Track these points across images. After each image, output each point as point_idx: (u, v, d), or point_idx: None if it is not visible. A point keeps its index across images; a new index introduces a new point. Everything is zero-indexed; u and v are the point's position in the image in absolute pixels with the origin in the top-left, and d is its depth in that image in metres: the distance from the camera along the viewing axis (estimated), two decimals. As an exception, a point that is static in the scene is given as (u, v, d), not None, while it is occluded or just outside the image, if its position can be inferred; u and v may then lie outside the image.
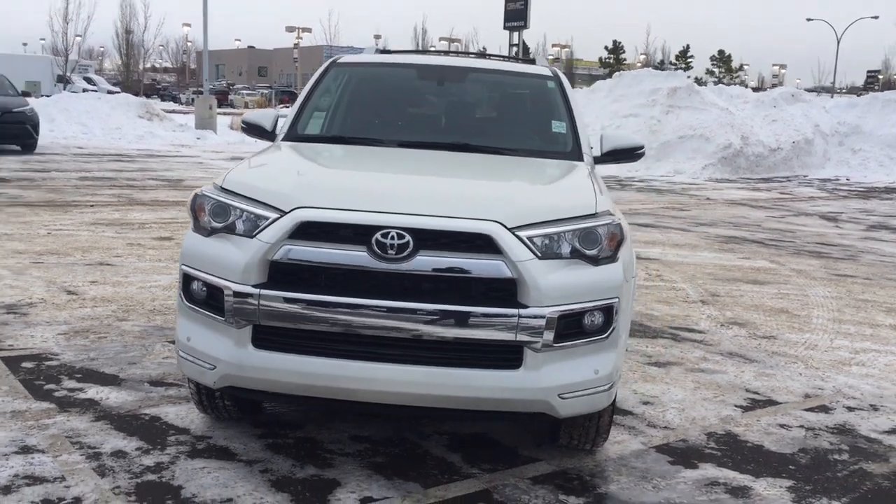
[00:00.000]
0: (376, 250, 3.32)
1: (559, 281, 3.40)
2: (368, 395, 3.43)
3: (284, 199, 3.48)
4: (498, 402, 3.43)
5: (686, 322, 6.85)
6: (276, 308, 3.35)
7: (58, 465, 3.64)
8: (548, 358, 3.40)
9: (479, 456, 4.01)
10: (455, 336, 3.32)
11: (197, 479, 3.60)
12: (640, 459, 4.11)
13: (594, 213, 3.60)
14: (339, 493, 3.55)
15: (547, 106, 4.93)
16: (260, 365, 3.43)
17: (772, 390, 5.28)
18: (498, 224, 3.38)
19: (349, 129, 4.80)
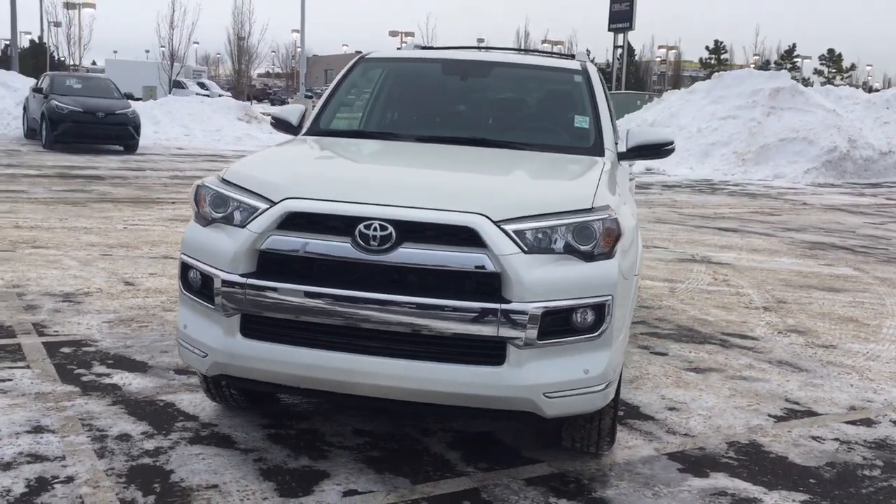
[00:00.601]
0: (360, 241, 3.30)
1: (545, 276, 3.31)
2: (352, 388, 3.41)
3: (275, 190, 3.50)
4: (480, 399, 3.35)
5: (741, 328, 6.58)
6: (262, 297, 3.38)
7: (62, 446, 3.76)
8: (532, 355, 3.31)
9: (478, 455, 3.94)
10: (435, 330, 3.27)
11: (190, 464, 3.66)
12: (647, 465, 3.95)
13: (590, 208, 3.48)
14: (324, 485, 3.54)
15: (571, 101, 4.81)
16: (248, 354, 3.46)
17: (814, 401, 5.01)
18: (483, 217, 3.31)
19: (370, 124, 4.81)
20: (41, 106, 18.92)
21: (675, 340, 6.11)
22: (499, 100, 5.04)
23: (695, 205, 15.79)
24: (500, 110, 5.01)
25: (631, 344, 5.91)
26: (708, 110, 25.50)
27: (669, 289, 7.87)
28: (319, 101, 4.87)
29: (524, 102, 5.06)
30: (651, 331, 6.34)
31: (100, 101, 18.99)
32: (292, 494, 3.45)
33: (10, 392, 4.35)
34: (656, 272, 8.63)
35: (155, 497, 3.35)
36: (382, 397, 3.43)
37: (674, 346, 5.97)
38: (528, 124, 4.84)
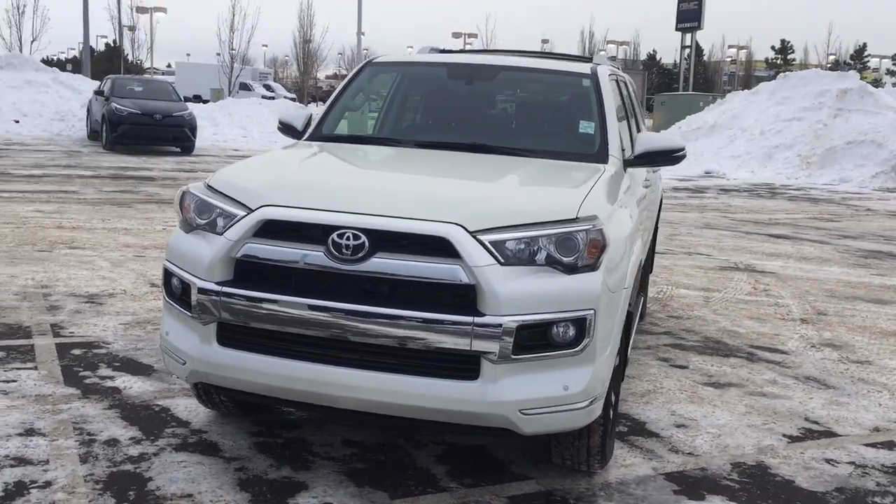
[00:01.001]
0: (332, 250, 3.23)
1: (522, 289, 3.19)
2: (327, 400, 3.35)
3: (253, 197, 3.46)
4: (454, 415, 3.25)
5: (772, 341, 6.33)
6: (236, 306, 3.33)
7: (49, 450, 3.78)
8: (508, 370, 3.19)
9: (465, 470, 3.84)
10: (406, 342, 3.18)
11: (170, 472, 3.64)
12: (641, 486, 3.80)
13: (574, 218, 3.35)
14: (300, 497, 3.48)
15: (577, 106, 4.67)
16: (223, 363, 3.42)
17: (836, 420, 4.77)
18: (458, 227, 3.21)
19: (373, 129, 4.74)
20: (102, 108, 19.40)
21: (698, 353, 5.90)
22: (503, 105, 4.93)
23: (749, 210, 15.35)
24: (503, 115, 4.89)
25: (650, 356, 5.74)
26: (772, 112, 24.82)
27: (704, 298, 7.63)
28: (324, 106, 4.82)
29: (529, 107, 4.93)
30: (675, 342, 6.14)
31: (158, 104, 19.37)
32: (265, 506, 3.40)
33: (11, 394, 4.40)
34: (693, 280, 8.39)
35: (127, 505, 3.34)
36: (357, 410, 3.35)
37: (696, 358, 5.77)
38: (532, 130, 4.70)
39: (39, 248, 8.11)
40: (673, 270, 8.84)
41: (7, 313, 5.87)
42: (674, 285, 8.09)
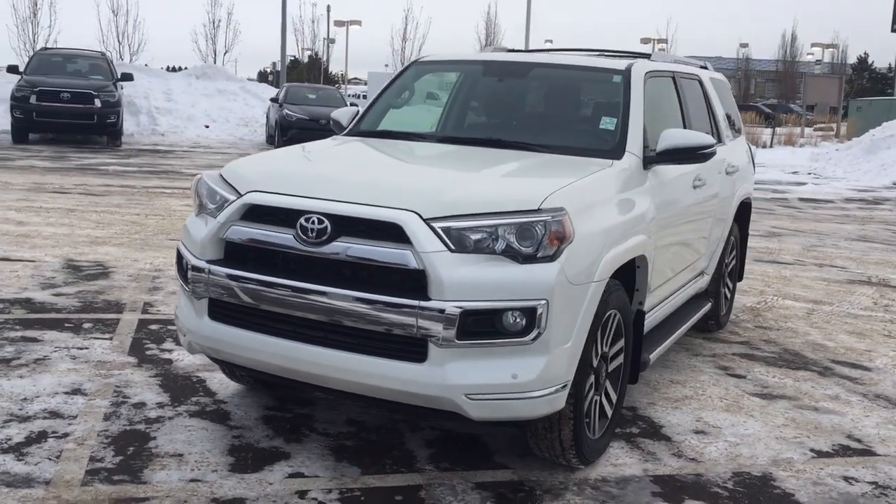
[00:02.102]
0: (300, 233, 3.44)
1: (470, 276, 3.26)
2: (294, 374, 3.56)
3: (245, 183, 3.73)
4: (403, 395, 3.37)
5: (860, 357, 5.92)
6: (220, 283, 3.61)
7: (83, 407, 4.22)
8: (455, 354, 3.27)
9: (448, 455, 3.92)
10: (359, 322, 3.33)
11: (174, 434, 3.98)
12: (620, 485, 3.74)
13: (536, 209, 3.37)
14: (276, 466, 3.71)
15: (603, 102, 4.62)
16: (213, 336, 3.71)
17: (882, 440, 4.44)
18: (413, 213, 3.33)
19: (403, 124, 4.91)
20: (276, 114, 20.71)
21: (766, 364, 5.63)
22: (530, 101, 4.94)
23: (922, 224, 14.15)
24: (527, 111, 4.91)
25: (710, 363, 5.55)
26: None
27: (808, 311, 7.20)
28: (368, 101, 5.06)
29: (555, 103, 4.91)
30: (747, 352, 5.87)
31: (325, 110, 20.39)
32: (241, 470, 3.65)
33: (78, 359, 4.93)
34: (807, 292, 7.92)
35: (122, 458, 3.69)
36: (319, 385, 3.54)
37: (760, 369, 5.50)
38: (552, 125, 4.70)
39: (171, 238, 8.86)
40: (791, 282, 8.39)
41: (113, 291, 6.51)
42: (782, 296, 7.68)
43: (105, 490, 3.40)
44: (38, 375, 4.61)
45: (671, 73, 5.20)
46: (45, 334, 5.32)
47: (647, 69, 4.70)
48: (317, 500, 3.44)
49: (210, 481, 3.53)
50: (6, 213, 9.74)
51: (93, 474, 3.53)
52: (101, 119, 18.30)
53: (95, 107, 18.22)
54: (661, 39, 77.49)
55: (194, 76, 25.92)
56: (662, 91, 5.03)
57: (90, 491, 3.39)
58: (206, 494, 3.42)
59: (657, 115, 4.86)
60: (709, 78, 6.08)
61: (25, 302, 6.06)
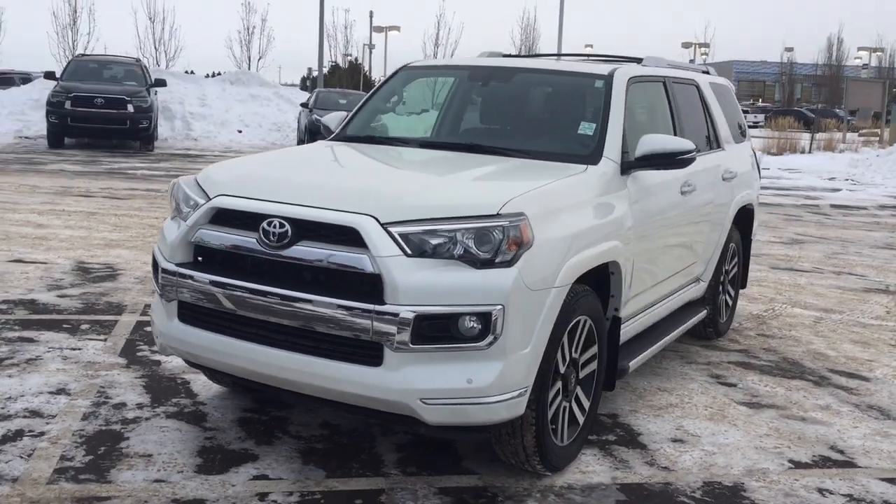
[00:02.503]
0: (262, 237, 3.48)
1: (425, 280, 3.27)
2: (256, 376, 3.60)
3: (215, 187, 3.78)
4: (360, 399, 3.39)
5: (860, 367, 5.81)
6: (186, 285, 3.67)
7: (63, 407, 4.30)
8: (409, 359, 3.28)
9: (416, 460, 3.93)
10: (317, 326, 3.35)
11: (147, 434, 4.03)
12: (585, 493, 3.71)
13: (495, 214, 3.37)
14: (242, 468, 3.74)
15: (584, 107, 4.59)
16: (181, 338, 3.76)
17: (866, 452, 4.35)
18: (370, 218, 3.35)
19: (387, 129, 4.93)
20: (306, 119, 20.88)
21: (761, 373, 5.54)
22: (511, 106, 4.93)
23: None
24: (508, 117, 4.90)
25: (703, 371, 5.48)
26: None
27: (816, 319, 7.08)
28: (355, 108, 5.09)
29: (536, 108, 4.90)
30: (744, 360, 5.79)
31: (355, 115, 20.52)
32: (206, 472, 3.69)
33: (69, 359, 5.02)
34: (818, 301, 7.78)
35: (91, 458, 3.76)
36: (279, 387, 3.58)
37: (754, 378, 5.43)
38: (532, 130, 4.69)
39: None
40: (804, 290, 8.25)
41: (117, 293, 6.62)
42: (791, 304, 7.56)
43: (69, 489, 3.47)
44: (27, 375, 4.71)
45: (661, 79, 5.16)
46: (42, 335, 5.44)
47: (630, 75, 4.66)
48: (276, 502, 3.47)
49: (174, 482, 3.58)
50: (28, 216, 9.95)
51: (60, 473, 3.60)
52: (133, 124, 18.61)
53: (128, 112, 18.54)
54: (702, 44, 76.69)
55: (228, 82, 26.26)
56: (650, 96, 5.00)
57: (55, 489, 3.45)
58: (168, 495, 3.47)
59: (642, 120, 4.84)
60: (708, 83, 6.02)
61: (29, 303, 6.19)
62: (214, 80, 27.14)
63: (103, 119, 18.42)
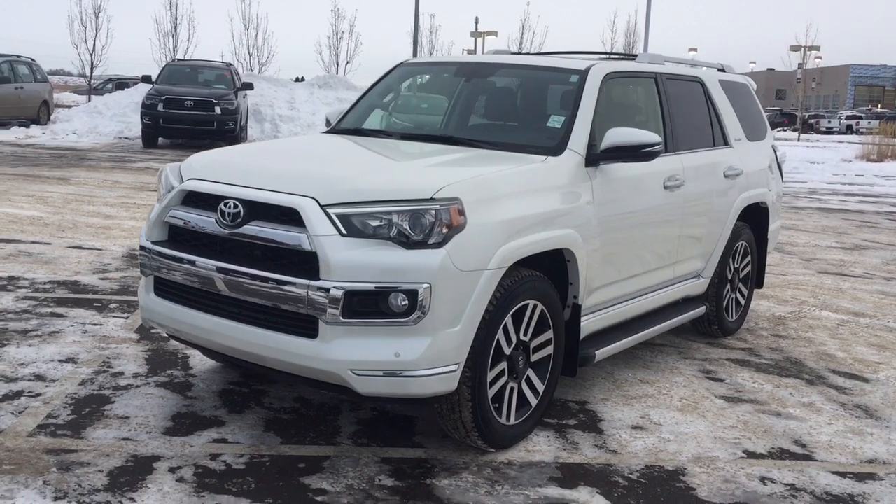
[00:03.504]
0: (220, 217, 3.78)
1: (356, 258, 3.49)
2: (214, 346, 3.91)
3: (188, 172, 4.11)
4: (298, 368, 3.64)
5: (865, 369, 5.72)
6: (157, 261, 4.00)
7: (67, 373, 4.71)
8: (342, 332, 3.51)
9: (371, 432, 4.15)
10: (262, 300, 3.62)
11: (132, 400, 4.39)
12: (522, 469, 3.86)
13: (429, 198, 3.57)
14: (206, 432, 4.05)
15: (556, 101, 4.72)
16: (156, 310, 4.10)
17: (829, 447, 4.34)
18: (311, 199, 3.59)
19: (373, 122, 5.17)
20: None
21: (756, 370, 5.53)
22: (489, 100, 5.09)
23: None
24: (485, 110, 5.07)
25: (696, 367, 5.52)
26: None
27: (841, 322, 6.95)
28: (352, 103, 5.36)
29: (511, 102, 5.04)
30: (743, 358, 5.79)
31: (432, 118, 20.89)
32: (172, 433, 4.01)
33: (88, 333, 5.46)
34: (852, 304, 7.62)
35: (74, 417, 4.13)
36: (232, 356, 3.87)
37: (745, 374, 5.43)
38: (505, 123, 4.85)
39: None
40: (843, 294, 8.08)
41: (154, 278, 7.08)
42: (821, 307, 7.43)
43: (44, 441, 3.84)
44: (45, 345, 5.15)
45: (652, 75, 5.23)
46: (72, 311, 5.91)
47: (608, 70, 4.77)
48: (225, 462, 3.75)
49: (139, 441, 3.91)
50: (101, 208, 10.64)
51: (42, 428, 3.98)
52: (220, 125, 19.47)
53: (216, 114, 19.41)
54: (812, 46, 74.04)
55: (316, 86, 27.04)
56: (636, 92, 5.09)
57: (31, 441, 3.83)
58: (129, 451, 3.80)
59: (623, 115, 4.93)
60: (717, 81, 6.03)
61: (72, 284, 6.70)
62: (303, 84, 27.99)
63: (192, 120, 19.35)
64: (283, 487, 3.55)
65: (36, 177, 13.50)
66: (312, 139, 4.87)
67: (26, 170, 14.39)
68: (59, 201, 10.98)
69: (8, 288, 6.44)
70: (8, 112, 22.48)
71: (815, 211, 15.20)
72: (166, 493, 3.43)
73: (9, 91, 22.46)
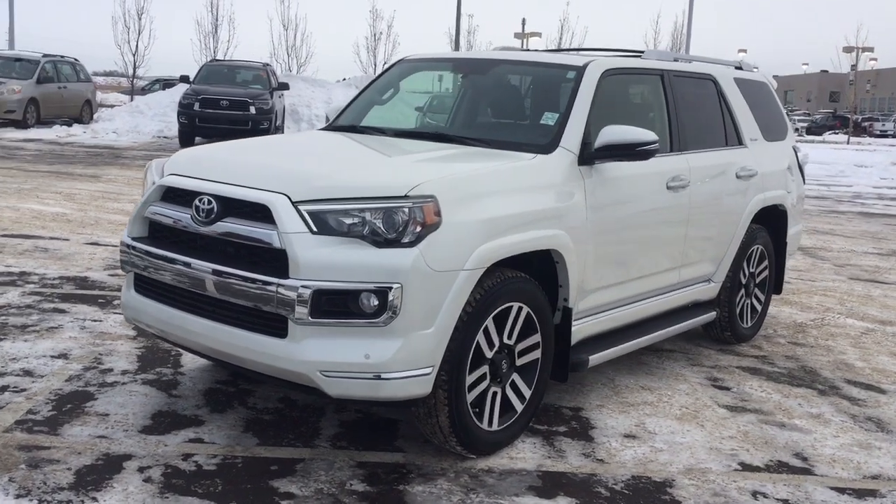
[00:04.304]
0: (194, 213, 3.71)
1: (326, 257, 3.39)
2: (188, 343, 3.86)
3: (171, 167, 4.05)
4: (267, 368, 3.55)
5: (883, 380, 5.48)
6: (136, 258, 3.95)
7: (56, 369, 4.69)
8: (311, 332, 3.42)
9: (352, 435, 4.05)
10: (232, 297, 3.55)
11: (116, 397, 4.34)
12: (501, 477, 3.73)
13: (403, 196, 3.46)
14: (183, 431, 3.98)
15: (551, 98, 4.58)
16: (135, 306, 4.05)
17: (832, 461, 4.14)
18: (282, 196, 3.51)
19: (371, 120, 5.07)
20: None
21: (767, 379, 5.33)
22: (485, 97, 4.95)
23: None
24: (480, 107, 4.94)
25: (703, 374, 5.34)
26: None
27: (865, 331, 6.69)
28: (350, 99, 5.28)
29: (503, 99, 4.90)
30: (754, 366, 5.58)
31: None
32: (148, 432, 3.95)
33: (85, 329, 5.45)
34: (880, 313, 7.33)
35: (55, 413, 4.09)
36: (206, 354, 3.80)
37: (754, 383, 5.22)
38: (499, 120, 4.73)
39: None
40: (872, 301, 7.79)
41: (164, 276, 7.07)
42: (847, 314, 7.17)
43: (19, 437, 3.80)
44: (41, 340, 5.15)
45: (658, 72, 5.06)
46: (74, 307, 5.91)
47: (606, 67, 4.61)
48: (197, 462, 3.68)
49: (113, 439, 3.86)
50: (125, 205, 10.71)
51: (20, 424, 3.95)
52: (254, 125, 19.57)
53: (250, 113, 19.52)
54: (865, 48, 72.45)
55: (354, 86, 27.08)
56: (638, 90, 4.93)
57: (6, 437, 3.80)
58: (102, 449, 3.75)
59: (623, 113, 4.78)
60: (732, 79, 5.83)
61: (81, 280, 6.72)
62: (341, 84, 28.08)
63: (228, 120, 19.47)
64: (250, 490, 3.47)
65: (68, 174, 13.68)
66: (300, 136, 4.82)
67: (60, 167, 14.60)
68: (85, 198, 11.09)
69: (17, 283, 6.48)
70: (51, 111, 22.87)
71: (856, 215, 14.77)
72: (130, 494, 3.37)
73: (52, 90, 22.86)
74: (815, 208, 15.25)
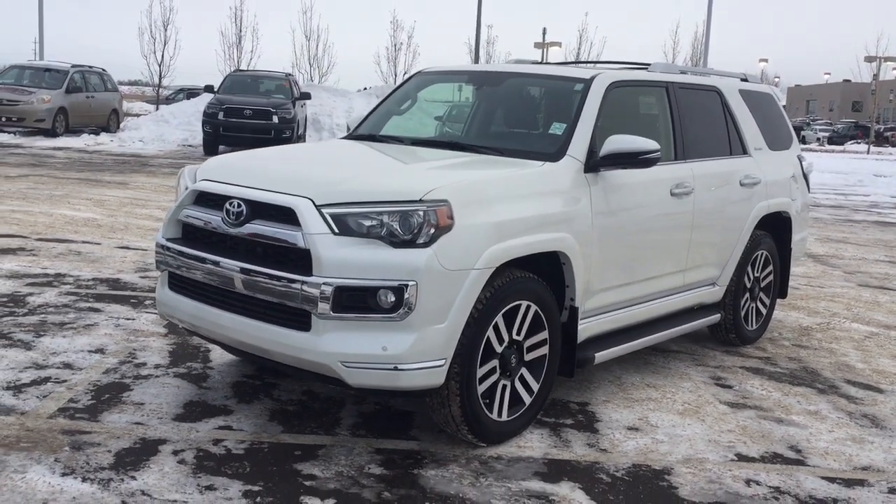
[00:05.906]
0: (225, 216, 4.01)
1: (347, 256, 3.67)
2: (220, 338, 4.15)
3: (203, 174, 4.35)
4: (293, 360, 3.83)
5: (882, 381, 5.68)
6: (169, 258, 4.25)
7: (94, 363, 5.00)
8: (333, 326, 3.69)
9: (371, 425, 4.32)
10: (260, 294, 3.83)
11: (150, 388, 4.64)
12: (509, 464, 3.98)
13: (418, 200, 3.74)
14: (213, 420, 4.27)
15: (559, 108, 4.84)
16: (170, 304, 4.35)
17: (825, 454, 4.36)
18: (307, 200, 3.79)
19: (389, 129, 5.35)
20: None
21: (768, 378, 5.55)
22: (497, 108, 5.23)
23: None
24: (492, 117, 5.21)
25: (707, 373, 5.56)
26: None
27: (869, 335, 6.88)
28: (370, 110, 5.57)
29: (518, 110, 5.17)
30: (757, 367, 5.80)
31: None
32: (181, 420, 4.24)
33: (120, 326, 5.76)
34: (886, 318, 7.52)
35: (94, 402, 4.39)
36: (237, 347, 4.09)
37: (755, 382, 5.45)
38: (510, 130, 4.99)
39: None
40: (879, 307, 7.97)
41: (191, 278, 7.38)
42: (853, 319, 7.36)
43: (62, 423, 4.11)
44: (79, 337, 5.46)
45: (663, 84, 5.31)
46: (109, 307, 6.23)
47: (612, 79, 4.87)
48: (226, 447, 3.97)
49: (149, 425, 4.15)
50: (153, 211, 11.07)
51: (63, 411, 4.25)
52: (277, 133, 19.94)
53: (273, 122, 19.91)
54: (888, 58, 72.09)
55: (374, 96, 27.45)
56: (643, 101, 5.17)
57: (51, 423, 4.10)
58: (139, 434, 4.04)
59: (628, 123, 5.02)
60: (736, 90, 6.07)
61: (114, 281, 7.05)
62: (362, 94, 28.47)
63: (251, 129, 19.87)
64: (275, 472, 3.74)
65: (97, 181, 14.09)
66: (322, 144, 5.11)
67: (90, 174, 15.01)
68: (115, 204, 11.46)
69: (53, 284, 6.81)
70: (79, 120, 23.38)
71: (870, 224, 14.89)
72: (165, 473, 3.66)
73: (80, 100, 23.37)
74: (831, 217, 15.40)
